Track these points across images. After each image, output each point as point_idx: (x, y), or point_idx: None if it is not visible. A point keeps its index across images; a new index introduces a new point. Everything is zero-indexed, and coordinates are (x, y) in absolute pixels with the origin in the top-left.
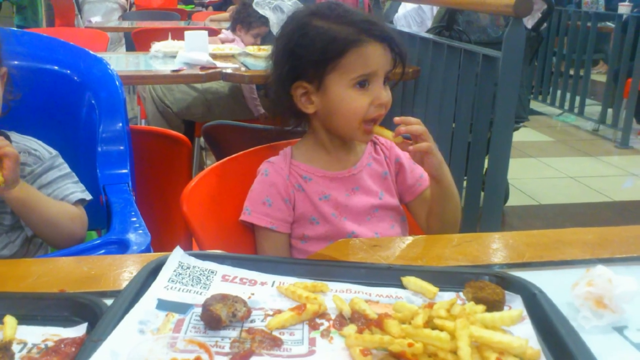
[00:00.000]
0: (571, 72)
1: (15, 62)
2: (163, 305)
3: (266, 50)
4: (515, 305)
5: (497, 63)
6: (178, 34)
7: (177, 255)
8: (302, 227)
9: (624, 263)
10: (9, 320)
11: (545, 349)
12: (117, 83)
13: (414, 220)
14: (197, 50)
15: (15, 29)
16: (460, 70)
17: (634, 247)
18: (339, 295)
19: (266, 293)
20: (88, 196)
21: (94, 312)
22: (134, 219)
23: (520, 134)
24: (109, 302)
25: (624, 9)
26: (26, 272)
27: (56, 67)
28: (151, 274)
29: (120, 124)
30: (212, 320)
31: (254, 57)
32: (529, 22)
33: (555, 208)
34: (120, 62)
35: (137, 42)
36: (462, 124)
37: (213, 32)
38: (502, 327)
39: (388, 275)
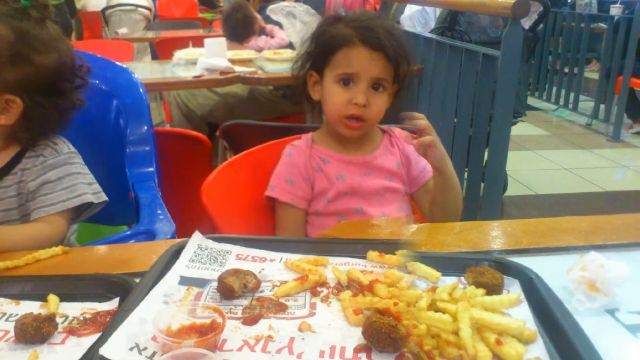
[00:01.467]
0: (566, 70)
1: None
2: (184, 281)
3: (281, 54)
4: (514, 289)
5: (496, 62)
6: (199, 42)
7: (197, 239)
8: (318, 203)
9: (615, 249)
10: (52, 298)
11: (542, 330)
12: (141, 90)
13: (418, 209)
14: (217, 56)
15: None
16: (462, 68)
17: (625, 234)
18: (337, 267)
19: (274, 268)
20: (99, 199)
21: (124, 289)
22: (159, 211)
23: (518, 128)
24: (137, 280)
25: (615, 10)
26: (65, 259)
27: None
28: (174, 255)
29: (145, 127)
30: (226, 291)
31: (270, 61)
32: (526, 23)
33: (551, 198)
34: (145, 70)
35: (159, 50)
36: (463, 119)
37: None
38: (501, 309)
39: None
